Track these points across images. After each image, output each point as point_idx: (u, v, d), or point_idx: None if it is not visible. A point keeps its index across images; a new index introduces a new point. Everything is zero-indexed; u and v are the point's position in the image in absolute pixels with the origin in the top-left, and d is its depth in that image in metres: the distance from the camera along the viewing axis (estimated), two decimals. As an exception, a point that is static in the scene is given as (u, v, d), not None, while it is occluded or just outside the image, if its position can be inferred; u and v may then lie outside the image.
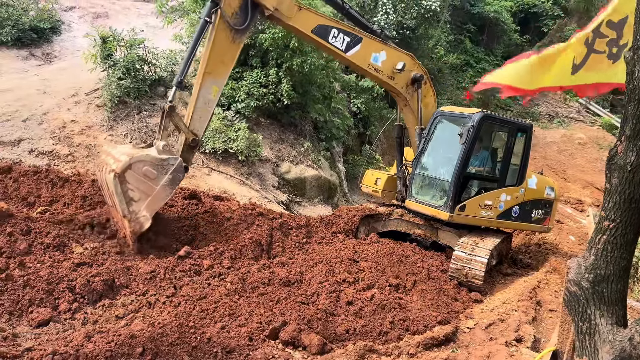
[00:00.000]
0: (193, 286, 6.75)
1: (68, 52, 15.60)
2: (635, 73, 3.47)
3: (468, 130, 8.50)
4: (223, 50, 7.69)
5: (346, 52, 8.59)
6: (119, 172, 6.67)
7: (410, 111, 9.84)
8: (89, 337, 5.19)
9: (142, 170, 6.83)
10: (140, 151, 7.17)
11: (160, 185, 7.04)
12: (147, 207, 7.00)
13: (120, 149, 7.48)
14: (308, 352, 5.74)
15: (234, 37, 7.68)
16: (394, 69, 9.26)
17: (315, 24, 8.17)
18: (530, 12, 29.25)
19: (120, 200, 6.79)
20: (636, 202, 3.56)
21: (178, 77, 7.51)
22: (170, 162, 7.14)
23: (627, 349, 3.39)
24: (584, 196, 18.80)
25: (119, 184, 6.67)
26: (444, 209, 8.75)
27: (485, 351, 6.02)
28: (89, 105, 11.77)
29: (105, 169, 7.01)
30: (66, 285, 6.16)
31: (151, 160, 6.95)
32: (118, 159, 6.94)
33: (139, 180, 6.82)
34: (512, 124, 9.61)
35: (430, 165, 9.46)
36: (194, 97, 7.67)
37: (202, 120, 7.78)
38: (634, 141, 3.51)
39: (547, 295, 8.35)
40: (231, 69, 8.16)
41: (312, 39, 8.36)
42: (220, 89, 8.00)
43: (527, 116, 25.92)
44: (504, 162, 9.39)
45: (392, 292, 7.49)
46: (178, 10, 13.73)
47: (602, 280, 3.67)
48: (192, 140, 7.68)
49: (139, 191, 6.86)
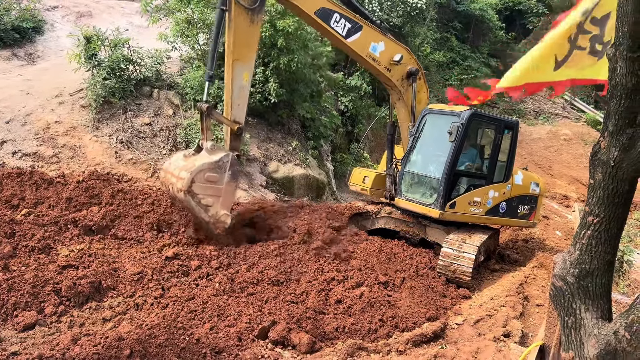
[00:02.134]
0: (181, 287, 6.71)
1: (51, 52, 15.38)
2: (617, 69, 3.51)
3: (457, 128, 8.56)
4: (245, 34, 7.72)
5: (346, 38, 8.64)
6: (186, 189, 7.16)
7: (403, 105, 9.86)
8: (76, 340, 5.14)
9: (205, 178, 7.29)
10: (194, 160, 7.52)
11: (225, 184, 7.53)
12: (222, 206, 7.55)
13: (175, 164, 7.82)
14: (297, 351, 5.74)
15: (252, 17, 7.73)
16: (391, 61, 9.32)
17: (318, 6, 8.20)
18: (515, 10, 29.49)
19: (198, 211, 7.36)
20: (619, 197, 3.60)
21: (208, 71, 7.69)
22: (225, 160, 7.53)
23: (612, 343, 3.43)
24: (570, 192, 19.02)
25: (191, 199, 7.19)
26: (435, 207, 8.79)
27: (473, 347, 6.06)
28: (74, 105, 11.63)
29: (173, 188, 7.52)
30: (52, 288, 6.09)
31: (208, 166, 7.35)
32: (179, 176, 7.35)
33: (206, 187, 7.31)
34: (499, 121, 9.67)
35: (420, 163, 9.48)
36: (228, 87, 7.80)
37: (241, 107, 7.97)
38: (616, 137, 3.55)
39: (535, 291, 8.42)
40: (256, 51, 8.30)
41: (314, 21, 8.37)
42: (251, 73, 8.19)
43: (513, 113, 26.13)
44: (492, 159, 9.46)
45: (381, 290, 7.51)
46: (163, 9, 13.60)
47: (587, 274, 3.71)
48: (238, 129, 7.91)
49: (210, 197, 7.36)
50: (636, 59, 3.42)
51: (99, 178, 9.50)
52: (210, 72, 7.69)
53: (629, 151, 3.50)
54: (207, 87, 7.77)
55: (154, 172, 10.77)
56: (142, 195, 9.15)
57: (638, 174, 3.58)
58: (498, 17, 27.24)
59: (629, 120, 3.51)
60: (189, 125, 11.75)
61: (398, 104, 9.96)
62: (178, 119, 12.13)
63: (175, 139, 11.74)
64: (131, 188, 9.50)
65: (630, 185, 3.59)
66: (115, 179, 9.90)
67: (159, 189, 9.87)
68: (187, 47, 13.57)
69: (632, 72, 3.43)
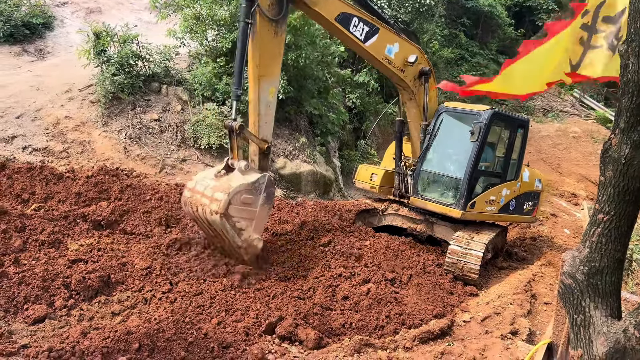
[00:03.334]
0: (189, 282, 6.74)
1: (61, 48, 15.48)
2: (629, 66, 3.48)
3: (480, 128, 8.53)
4: (270, 47, 7.34)
5: (364, 43, 8.36)
6: (223, 212, 6.65)
7: (414, 105, 9.69)
8: (85, 333, 5.20)
9: (241, 200, 6.84)
10: (228, 181, 7.04)
11: (259, 206, 7.06)
12: (255, 230, 7.07)
13: (204, 184, 7.16)
14: (304, 347, 5.76)
15: (276, 29, 7.32)
16: (406, 62, 9.09)
17: (339, 11, 7.90)
18: (524, 6, 29.24)
19: (231, 235, 6.85)
20: (630, 194, 3.57)
21: (236, 90, 7.19)
22: (261, 181, 7.08)
23: (622, 341, 3.41)
24: (579, 190, 18.88)
25: (227, 222, 6.71)
26: (456, 207, 8.75)
27: (480, 344, 6.05)
28: (83, 101, 11.71)
29: (204, 210, 6.88)
30: (61, 282, 6.15)
31: (245, 187, 6.90)
32: (214, 197, 6.82)
33: (241, 210, 6.86)
34: (514, 119, 9.69)
35: (438, 162, 9.44)
36: (255, 104, 7.35)
37: (268, 124, 7.59)
38: (627, 134, 3.51)
39: (542, 289, 8.40)
40: (281, 65, 7.87)
41: (334, 27, 8.06)
42: (277, 88, 7.77)
43: (522, 110, 25.95)
44: (506, 157, 9.49)
45: (388, 287, 7.50)
46: (172, 6, 13.65)
47: (597, 272, 3.68)
48: (267, 148, 7.52)
49: (243, 220, 6.89)
50: (648, 56, 3.39)
51: (108, 173, 9.56)
52: (239, 92, 7.18)
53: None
54: (236, 105, 7.26)
55: (162, 167, 10.82)
56: (150, 191, 9.21)
57: (649, 172, 3.55)
58: (507, 13, 27.05)
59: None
60: (197, 121, 11.79)
61: (409, 104, 9.79)
62: (186, 114, 12.18)
63: (183, 134, 11.79)
64: (140, 183, 9.56)
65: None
66: (124, 174, 9.97)
67: (167, 184, 9.92)
68: (196, 43, 13.61)
69: (644, 69, 3.40)
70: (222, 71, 12.90)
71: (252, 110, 7.44)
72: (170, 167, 10.97)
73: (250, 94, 7.41)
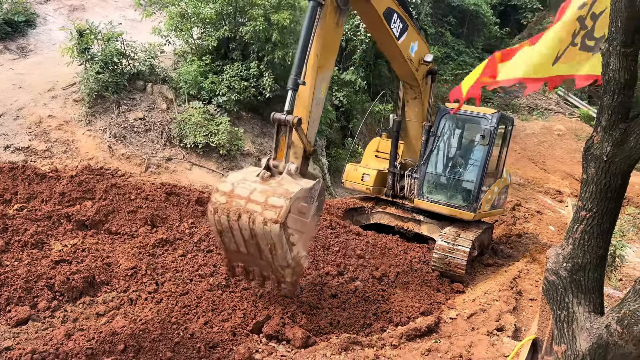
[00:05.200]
0: (175, 282, 6.69)
1: (44, 46, 15.25)
2: (610, 64, 3.51)
3: (490, 132, 8.68)
4: (331, 38, 6.66)
5: (398, 39, 8.15)
6: (283, 221, 5.40)
7: (418, 104, 9.58)
8: (69, 335, 5.13)
9: (298, 208, 5.66)
10: (282, 185, 5.79)
11: (310, 217, 5.92)
12: (303, 245, 5.91)
13: (247, 187, 5.77)
14: (292, 346, 5.75)
15: (339, 20, 6.68)
16: (421, 60, 9.06)
17: (386, 5, 7.64)
18: (509, 5, 29.48)
19: (285, 251, 5.62)
20: (612, 191, 3.61)
21: (295, 78, 6.00)
22: (316, 188, 5.92)
23: (604, 336, 3.45)
24: (563, 187, 19.10)
25: (283, 234, 5.48)
26: (468, 209, 8.95)
27: (467, 341, 6.10)
28: (66, 100, 11.56)
29: (252, 218, 5.51)
30: (45, 283, 6.07)
31: (303, 193, 5.70)
32: (271, 204, 5.51)
33: (296, 220, 5.66)
34: (509, 119, 9.98)
35: (444, 165, 9.59)
36: (309, 101, 6.36)
37: (315, 124, 6.72)
38: (609, 132, 3.55)
39: (528, 285, 8.48)
40: (335, 59, 7.18)
41: (379, 22, 7.66)
42: (328, 85, 6.95)
43: (507, 108, 26.18)
44: (500, 156, 9.83)
45: (375, 284, 7.53)
46: (156, 3, 13.51)
47: (580, 269, 3.72)
48: (313, 150, 6.52)
49: (296, 232, 5.69)
50: (629, 54, 3.43)
51: (92, 173, 9.45)
52: (300, 80, 6.02)
53: (621, 146, 3.51)
54: (292, 96, 6.04)
55: (148, 166, 10.73)
56: (135, 190, 9.11)
57: (630, 169, 3.59)
58: (492, 12, 27.23)
59: (621, 115, 3.52)
60: (182, 120, 11.71)
61: (413, 103, 9.62)
62: (172, 113, 12.09)
63: (169, 133, 11.70)
64: (125, 183, 9.46)
65: (622, 180, 3.61)
66: (109, 173, 9.86)
67: (152, 183, 9.84)
68: (181, 41, 13.51)
69: (625, 67, 3.44)
70: (207, 69, 12.83)
71: (302, 106, 6.37)
72: (155, 166, 10.88)
73: (304, 88, 6.30)
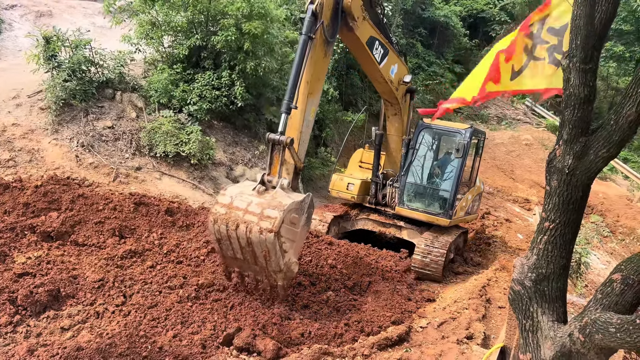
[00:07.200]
0: (144, 294, 6.57)
1: (9, 52, 14.87)
2: (571, 80, 3.64)
3: (464, 146, 9.38)
4: (320, 67, 7.40)
5: (380, 64, 8.83)
6: (277, 230, 6.16)
7: (398, 120, 10.40)
8: (32, 351, 4.99)
9: (290, 219, 6.41)
10: (276, 198, 6.50)
11: (301, 227, 6.66)
12: (294, 252, 6.70)
13: (244, 200, 6.49)
14: (263, 358, 5.71)
15: (326, 51, 7.41)
16: (401, 81, 9.74)
17: (369, 35, 8.32)
18: (478, 17, 30.14)
19: (278, 257, 6.36)
20: (574, 203, 3.73)
21: (288, 103, 6.69)
22: (306, 201, 6.71)
23: (567, 345, 3.54)
24: (531, 195, 19.54)
25: (277, 242, 6.23)
26: (444, 216, 9.63)
27: (437, 349, 6.16)
28: (32, 107, 11.27)
29: (249, 228, 6.21)
30: (7, 297, 5.88)
31: (295, 206, 6.46)
32: (266, 215, 6.24)
33: (288, 229, 6.43)
34: (481, 133, 10.72)
35: (422, 175, 10.18)
36: (300, 123, 7.17)
37: (304, 143, 7.51)
38: (570, 145, 3.67)
39: (497, 293, 8.63)
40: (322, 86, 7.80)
41: (363, 50, 8.38)
42: (316, 108, 7.75)
43: (476, 118, 26.70)
44: (473, 167, 10.66)
45: (347, 294, 7.55)
46: (127, 11, 13.33)
47: (544, 279, 3.82)
48: (302, 166, 7.32)
49: (288, 240, 6.46)
50: (588, 71, 3.56)
51: (58, 182, 9.22)
52: (292, 104, 6.72)
53: (582, 159, 3.63)
54: (285, 119, 6.77)
55: (116, 176, 10.54)
56: (103, 201, 8.93)
57: (590, 181, 3.71)
58: (462, 24, 27.79)
59: (582, 129, 3.64)
60: (152, 129, 11.55)
61: (393, 118, 10.47)
62: (141, 122, 11.91)
63: (138, 142, 11.52)
64: (92, 193, 9.26)
65: (583, 192, 3.73)
66: (76, 183, 9.64)
67: (120, 193, 9.66)
68: (152, 49, 13.35)
69: (584, 83, 3.57)
70: (178, 78, 12.71)
71: (293, 127, 7.17)
72: (124, 175, 10.69)
73: (296, 112, 7.07)
